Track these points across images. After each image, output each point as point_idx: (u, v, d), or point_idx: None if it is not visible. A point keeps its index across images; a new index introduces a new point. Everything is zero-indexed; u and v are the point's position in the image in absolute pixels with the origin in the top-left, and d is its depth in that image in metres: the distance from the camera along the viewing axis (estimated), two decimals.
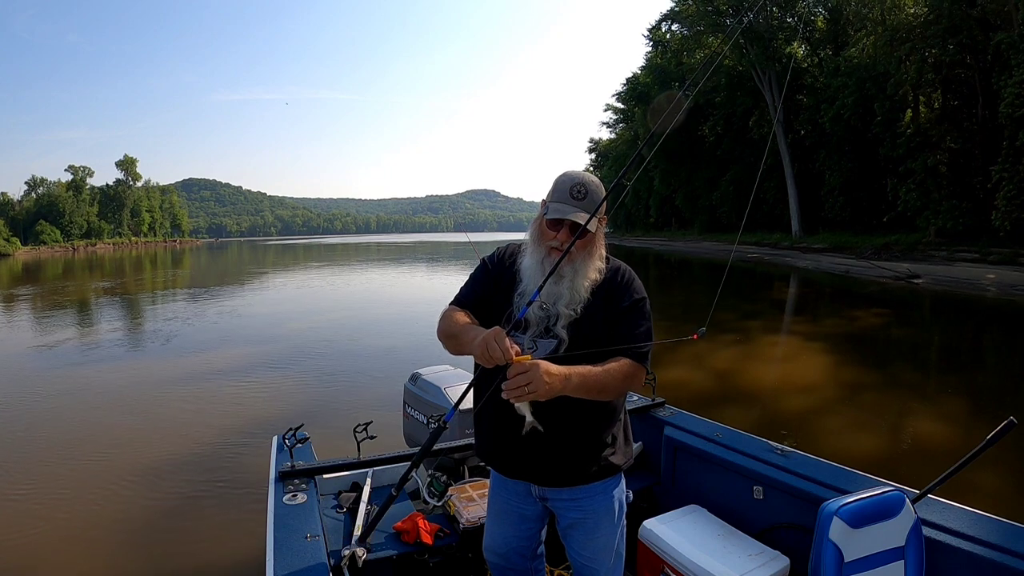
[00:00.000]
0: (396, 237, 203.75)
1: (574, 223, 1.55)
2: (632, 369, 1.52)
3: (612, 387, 1.49)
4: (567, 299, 1.55)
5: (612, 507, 1.71)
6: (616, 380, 1.49)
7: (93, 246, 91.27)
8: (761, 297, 17.05)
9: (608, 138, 68.13)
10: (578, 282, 1.56)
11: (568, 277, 1.57)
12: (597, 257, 1.62)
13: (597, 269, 1.60)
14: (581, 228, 1.53)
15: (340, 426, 4.77)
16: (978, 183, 22.14)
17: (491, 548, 1.88)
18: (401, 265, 34.50)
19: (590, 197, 1.56)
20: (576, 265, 1.58)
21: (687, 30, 38.36)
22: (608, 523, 1.70)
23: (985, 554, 1.67)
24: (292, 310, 15.13)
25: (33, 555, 3.47)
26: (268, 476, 2.34)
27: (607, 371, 1.47)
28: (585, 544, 1.71)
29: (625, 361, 1.52)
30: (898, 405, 6.14)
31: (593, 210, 1.56)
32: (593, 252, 1.61)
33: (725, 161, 39.28)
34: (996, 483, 3.87)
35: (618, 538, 1.73)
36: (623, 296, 1.60)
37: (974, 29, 21.31)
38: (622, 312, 1.59)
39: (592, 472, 1.66)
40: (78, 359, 9.16)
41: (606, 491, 1.70)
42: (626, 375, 1.51)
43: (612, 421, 1.69)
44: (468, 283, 1.76)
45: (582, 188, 1.56)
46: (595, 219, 1.56)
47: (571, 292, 1.56)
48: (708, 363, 7.90)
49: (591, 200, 1.56)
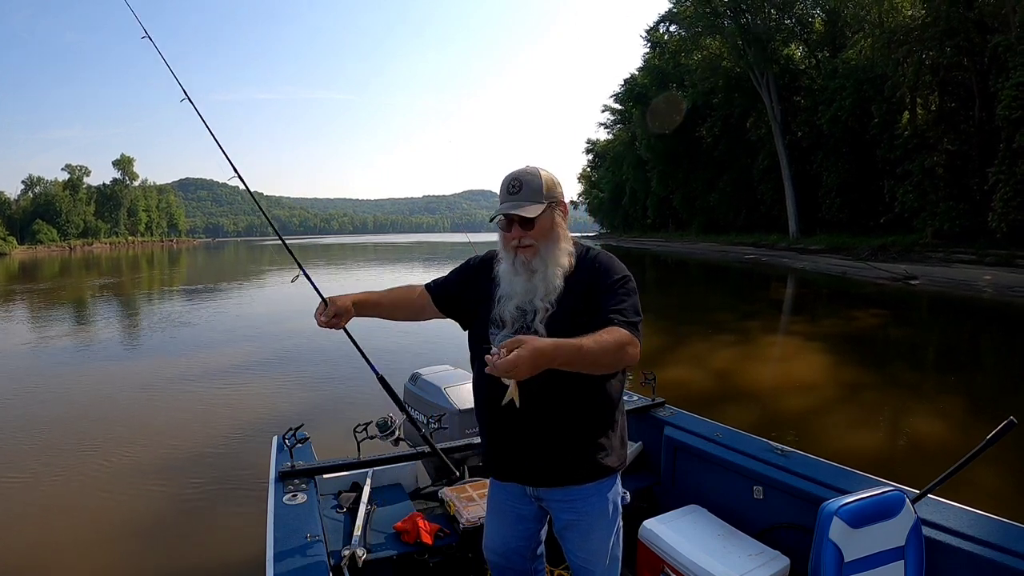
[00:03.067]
0: (393, 237, 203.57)
1: (518, 218, 1.57)
2: (624, 337, 1.43)
3: (604, 358, 1.40)
4: (542, 291, 1.56)
5: (606, 509, 1.69)
6: (609, 348, 1.39)
7: (90, 245, 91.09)
8: (759, 298, 17.09)
9: (606, 139, 68.26)
10: (550, 271, 1.56)
11: (540, 270, 1.57)
12: (562, 240, 1.61)
13: (567, 253, 1.60)
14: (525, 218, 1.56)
15: (340, 426, 4.75)
16: (975, 185, 22.20)
17: (491, 548, 1.88)
18: (400, 265, 34.49)
19: (526, 187, 1.58)
20: (543, 255, 1.58)
21: (685, 31, 38.42)
22: (602, 525, 1.69)
23: (985, 554, 1.67)
24: (291, 310, 15.10)
25: (33, 555, 3.45)
26: (268, 476, 2.34)
27: (597, 340, 1.37)
28: (580, 546, 1.71)
29: (615, 328, 1.44)
30: (897, 404, 6.16)
31: (533, 198, 1.57)
32: (555, 238, 1.60)
33: (723, 162, 39.35)
34: (996, 483, 3.88)
35: (613, 540, 1.72)
36: (603, 277, 1.58)
37: (971, 31, 21.36)
38: (604, 290, 1.55)
39: (583, 473, 1.65)
40: (76, 359, 9.13)
41: (599, 492, 1.68)
42: (619, 343, 1.41)
43: (604, 422, 1.66)
44: (449, 275, 1.84)
45: (516, 182, 1.59)
46: (539, 205, 1.57)
47: (544, 283, 1.56)
48: (708, 363, 7.91)
49: (528, 189, 1.58)
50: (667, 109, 40.88)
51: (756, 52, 32.00)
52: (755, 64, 32.48)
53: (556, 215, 1.61)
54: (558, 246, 1.59)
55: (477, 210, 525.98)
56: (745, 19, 33.09)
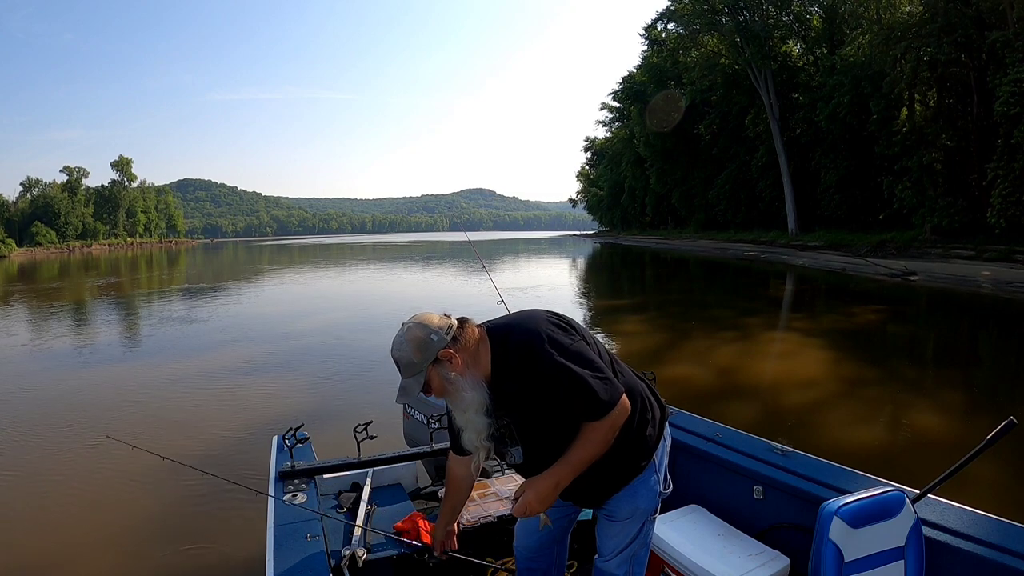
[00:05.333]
0: (392, 237, 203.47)
1: (426, 384, 1.57)
2: (603, 428, 1.52)
3: (597, 455, 1.54)
4: (479, 427, 1.60)
5: (636, 499, 1.72)
6: (597, 445, 1.53)
7: (88, 247, 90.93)
8: (759, 295, 17.10)
9: (604, 137, 68.27)
10: (468, 414, 1.58)
11: (459, 417, 1.63)
12: (463, 388, 1.55)
13: (474, 383, 1.55)
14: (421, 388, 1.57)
15: (340, 426, 4.75)
16: (973, 181, 22.23)
17: (521, 546, 2.00)
18: (399, 265, 34.48)
19: (402, 366, 1.56)
20: (455, 405, 1.61)
21: (683, 29, 38.43)
22: (627, 508, 1.73)
23: (985, 554, 1.67)
24: (292, 310, 15.10)
25: (33, 555, 3.45)
26: (268, 476, 2.34)
27: (584, 445, 1.53)
28: (607, 528, 1.77)
29: (590, 427, 1.52)
30: (897, 401, 6.15)
31: (410, 372, 1.55)
32: (453, 390, 1.56)
33: (721, 160, 39.37)
34: (996, 482, 3.89)
35: (640, 526, 1.75)
36: (539, 389, 1.52)
37: (969, 28, 21.36)
38: (549, 401, 1.52)
39: (618, 486, 1.71)
40: (76, 360, 9.12)
41: (631, 486, 1.72)
42: (604, 437, 1.53)
43: (626, 446, 1.65)
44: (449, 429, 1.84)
45: (397, 363, 1.58)
46: (419, 376, 1.54)
47: (473, 424, 1.59)
48: (707, 360, 7.92)
49: (403, 366, 1.56)
50: (666, 106, 40.90)
51: (754, 49, 31.99)
52: (753, 61, 32.48)
53: (442, 370, 1.54)
54: (460, 395, 1.56)
55: (475, 209, 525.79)
56: (743, 16, 33.12)
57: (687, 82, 38.11)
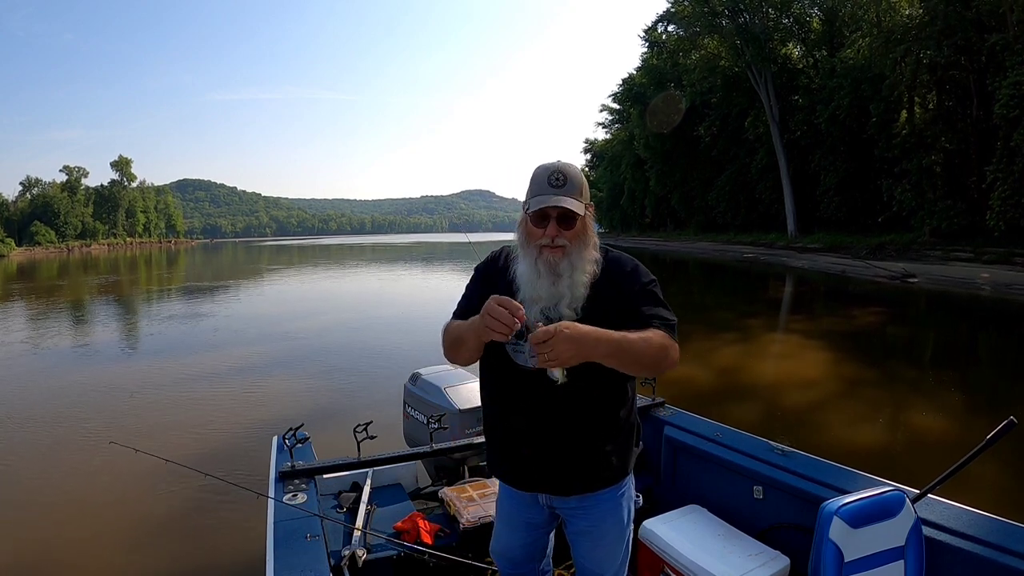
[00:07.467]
0: (392, 238, 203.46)
1: (562, 213, 1.43)
2: (667, 340, 1.40)
3: (647, 357, 1.37)
4: (568, 298, 1.45)
5: (620, 514, 1.68)
6: (652, 349, 1.37)
7: (88, 247, 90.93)
8: (758, 296, 17.10)
9: (604, 138, 68.30)
10: (576, 277, 1.45)
11: (566, 274, 1.45)
12: (591, 247, 1.49)
13: (593, 260, 1.49)
14: (570, 213, 1.44)
15: (340, 426, 4.76)
16: (972, 183, 22.27)
17: (500, 553, 1.86)
18: (399, 265, 34.46)
19: (570, 182, 1.45)
20: (572, 259, 1.46)
21: (683, 31, 38.43)
22: (615, 530, 1.68)
23: (985, 554, 1.67)
24: (292, 310, 15.09)
25: (33, 555, 3.45)
26: (268, 476, 2.34)
27: (644, 338, 1.35)
28: (591, 551, 1.69)
29: (656, 331, 1.40)
30: (896, 402, 6.16)
31: (577, 195, 1.45)
32: (586, 241, 1.48)
33: (721, 162, 39.39)
34: (996, 482, 3.89)
35: (625, 544, 1.72)
36: (632, 281, 1.52)
37: (969, 31, 21.40)
38: (635, 294, 1.50)
39: (602, 480, 1.63)
40: (76, 360, 9.12)
41: (614, 499, 1.66)
42: (661, 345, 1.39)
43: (619, 429, 1.62)
44: (465, 295, 1.68)
45: (560, 175, 1.44)
46: (582, 203, 1.46)
47: (571, 289, 1.45)
48: (708, 361, 7.91)
49: (572, 185, 1.45)
50: (665, 108, 40.91)
51: (754, 51, 32.03)
52: (753, 63, 32.51)
53: (588, 218, 1.50)
54: (587, 251, 1.48)
55: (475, 210, 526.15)
56: (743, 18, 33.14)
57: (687, 84, 38.12)
